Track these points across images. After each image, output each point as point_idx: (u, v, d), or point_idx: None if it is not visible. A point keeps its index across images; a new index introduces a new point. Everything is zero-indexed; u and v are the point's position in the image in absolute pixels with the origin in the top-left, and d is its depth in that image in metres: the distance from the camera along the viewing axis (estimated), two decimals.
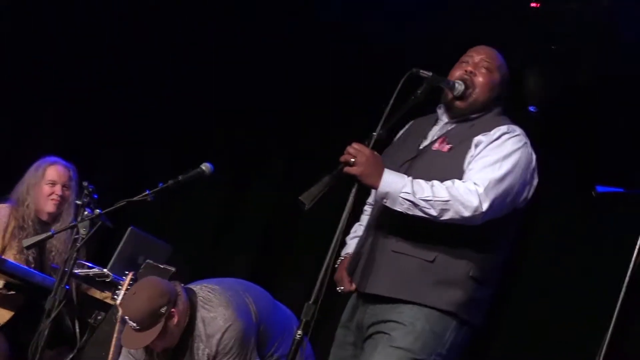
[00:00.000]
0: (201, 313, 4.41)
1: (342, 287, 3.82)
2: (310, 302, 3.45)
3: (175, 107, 6.75)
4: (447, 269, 3.61)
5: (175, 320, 4.39)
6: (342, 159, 3.55)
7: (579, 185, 5.68)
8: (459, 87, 3.76)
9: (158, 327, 4.31)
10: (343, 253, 3.95)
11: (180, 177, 4.16)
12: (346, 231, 3.66)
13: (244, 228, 6.69)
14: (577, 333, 5.69)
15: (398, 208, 3.54)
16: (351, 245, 3.95)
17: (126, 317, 4.36)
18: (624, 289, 3.83)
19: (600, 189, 4.11)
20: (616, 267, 4.16)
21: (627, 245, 4.01)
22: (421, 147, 3.78)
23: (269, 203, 6.70)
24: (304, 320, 3.46)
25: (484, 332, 3.83)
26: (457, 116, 3.81)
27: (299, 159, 6.59)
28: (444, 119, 3.84)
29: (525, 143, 3.68)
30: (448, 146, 3.71)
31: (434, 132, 3.82)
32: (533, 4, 5.51)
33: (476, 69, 3.79)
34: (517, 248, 5.59)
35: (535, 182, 3.72)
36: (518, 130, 3.72)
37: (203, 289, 4.52)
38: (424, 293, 3.60)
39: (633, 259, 3.91)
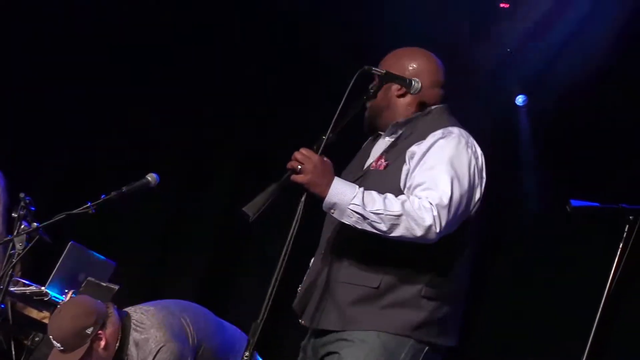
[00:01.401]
0: (133, 336, 4.32)
1: (301, 320, 3.72)
2: (258, 320, 3.38)
3: (117, 117, 6.67)
4: (395, 291, 3.49)
5: (103, 343, 4.30)
6: (289, 165, 3.44)
7: (555, 199, 5.63)
8: (416, 84, 3.60)
9: (82, 349, 4.24)
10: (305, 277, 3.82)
11: (124, 189, 4.10)
12: (298, 244, 3.52)
13: (191, 244, 6.57)
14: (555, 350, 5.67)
15: (346, 220, 3.41)
16: None
17: (50, 337, 4.27)
18: (602, 303, 3.94)
19: (574, 203, 4.11)
20: (594, 282, 4.24)
21: (604, 260, 4.10)
22: (365, 167, 3.69)
23: (218, 217, 6.57)
24: (251, 340, 3.38)
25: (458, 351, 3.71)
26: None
27: (249, 169, 6.48)
28: (382, 132, 3.73)
29: (466, 142, 3.52)
30: (385, 163, 3.60)
31: (377, 149, 3.72)
32: (502, 4, 5.49)
33: None
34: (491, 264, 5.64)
35: (485, 181, 3.56)
36: (455, 130, 3.56)
37: (137, 311, 4.43)
38: (373, 320, 3.49)
39: (611, 273, 4.00)
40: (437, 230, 3.37)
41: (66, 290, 4.67)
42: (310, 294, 3.63)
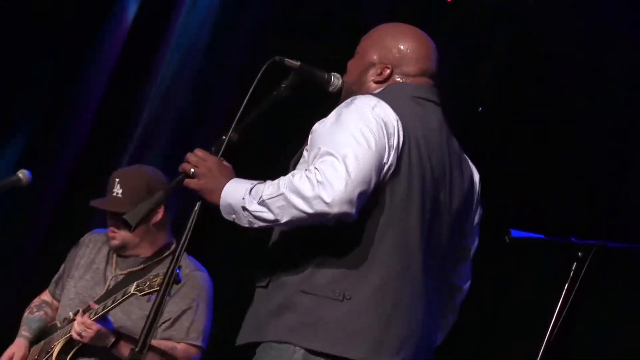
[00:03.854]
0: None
1: None
2: (137, 349, 3.14)
3: None
4: (280, 288, 3.17)
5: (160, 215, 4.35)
6: (181, 168, 3.23)
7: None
8: (336, 80, 3.42)
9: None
10: None
11: None
12: None
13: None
14: None
15: (244, 223, 3.13)
16: None
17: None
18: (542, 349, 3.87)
19: (515, 233, 3.98)
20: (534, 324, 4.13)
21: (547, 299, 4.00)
22: None
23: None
24: None
25: None
26: None
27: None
28: None
29: (371, 106, 3.16)
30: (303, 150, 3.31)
31: None
32: None
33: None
34: None
35: (399, 143, 3.15)
36: (361, 97, 3.23)
37: None
38: (259, 327, 3.18)
39: (555, 314, 3.92)
40: (328, 198, 2.98)
41: None
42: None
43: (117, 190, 4.33)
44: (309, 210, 3.01)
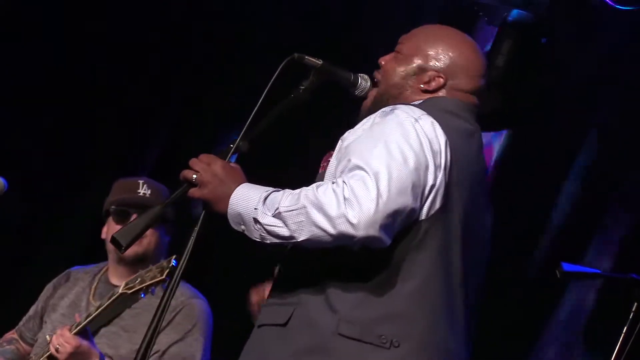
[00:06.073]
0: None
1: None
2: None
3: None
4: (308, 328, 2.90)
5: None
6: (182, 176, 3.01)
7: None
8: (364, 83, 3.19)
9: None
10: None
11: None
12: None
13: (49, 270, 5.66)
14: None
15: (255, 237, 2.90)
16: None
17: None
18: None
19: (567, 267, 3.89)
20: None
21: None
22: None
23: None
24: None
25: None
26: None
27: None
28: None
29: (414, 119, 2.93)
30: (329, 160, 3.07)
31: None
32: None
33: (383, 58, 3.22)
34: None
35: (447, 165, 2.95)
36: (403, 107, 2.99)
37: None
38: None
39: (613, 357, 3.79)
40: (354, 219, 2.78)
41: None
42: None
43: (145, 191, 4.23)
44: (331, 231, 2.80)
